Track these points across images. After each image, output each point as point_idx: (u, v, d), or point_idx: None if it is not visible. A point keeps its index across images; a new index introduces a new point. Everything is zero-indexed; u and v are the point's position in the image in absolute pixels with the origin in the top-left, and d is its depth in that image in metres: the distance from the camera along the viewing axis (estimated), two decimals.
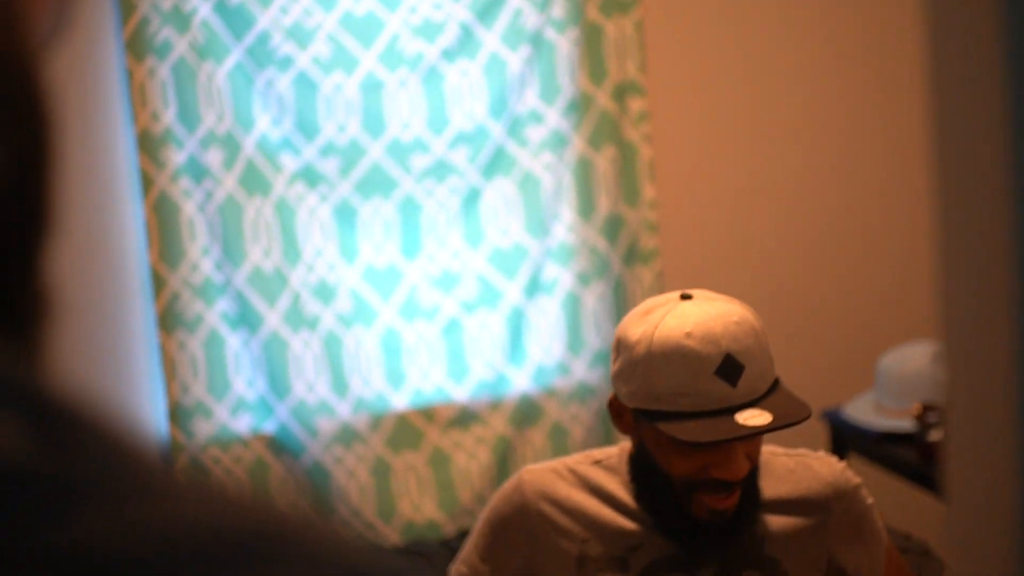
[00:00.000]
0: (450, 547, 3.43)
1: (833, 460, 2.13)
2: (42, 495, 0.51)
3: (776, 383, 1.95)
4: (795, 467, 2.09)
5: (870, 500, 2.13)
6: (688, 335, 1.89)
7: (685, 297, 1.96)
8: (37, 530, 0.50)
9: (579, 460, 2.13)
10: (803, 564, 2.05)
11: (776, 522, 2.05)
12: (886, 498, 3.87)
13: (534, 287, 3.65)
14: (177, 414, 3.46)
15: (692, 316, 1.92)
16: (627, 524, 2.02)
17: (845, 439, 3.45)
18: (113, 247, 3.52)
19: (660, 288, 3.71)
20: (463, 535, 3.50)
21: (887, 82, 3.98)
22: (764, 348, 1.94)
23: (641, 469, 2.01)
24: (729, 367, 1.88)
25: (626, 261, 3.69)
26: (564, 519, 2.06)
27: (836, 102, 3.95)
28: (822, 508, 2.07)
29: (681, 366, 1.88)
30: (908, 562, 2.33)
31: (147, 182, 3.42)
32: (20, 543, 0.50)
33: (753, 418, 1.88)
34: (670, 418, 1.90)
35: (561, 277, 3.67)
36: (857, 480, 2.12)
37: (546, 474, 2.10)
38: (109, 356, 3.53)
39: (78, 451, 0.52)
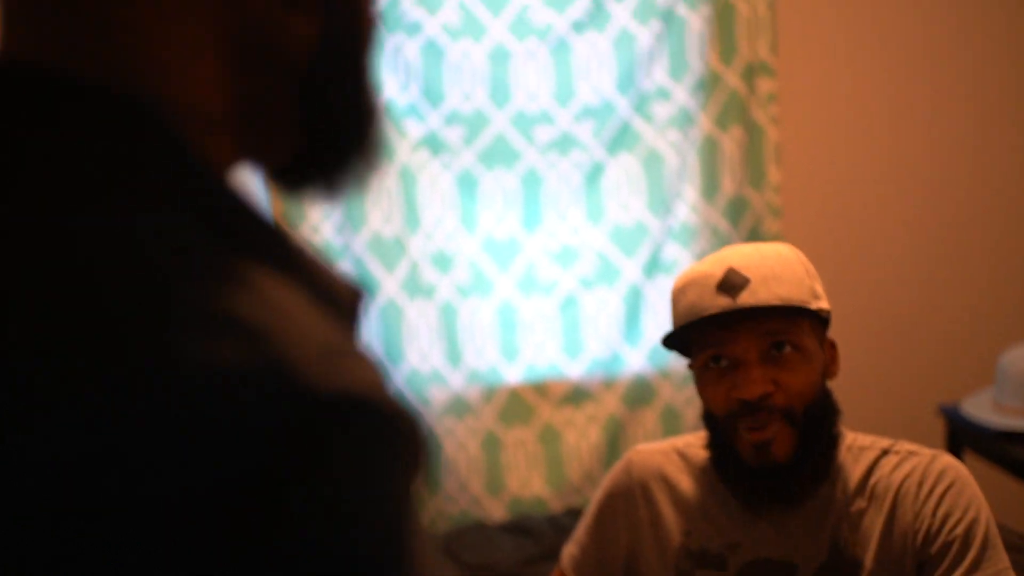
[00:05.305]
0: (556, 524, 3.42)
1: (949, 459, 1.93)
2: None
3: (799, 309, 1.85)
4: (900, 463, 1.94)
5: (987, 521, 1.92)
6: (702, 261, 1.92)
7: None
8: None
9: (689, 442, 2.09)
10: (896, 570, 1.90)
11: (875, 522, 1.92)
12: (1002, 497, 3.80)
13: (653, 266, 3.61)
14: None
15: (719, 251, 1.94)
16: (728, 519, 1.98)
17: (962, 436, 3.38)
18: None
19: None
20: (570, 512, 3.49)
21: None
22: (790, 275, 1.86)
23: (707, 422, 1.96)
24: (730, 280, 1.85)
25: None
26: (669, 505, 2.04)
27: (971, 91, 3.86)
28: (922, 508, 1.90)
29: (691, 285, 1.89)
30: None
31: None
32: None
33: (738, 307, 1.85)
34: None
35: (681, 257, 3.64)
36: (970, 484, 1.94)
37: (655, 455, 2.08)
38: None
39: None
